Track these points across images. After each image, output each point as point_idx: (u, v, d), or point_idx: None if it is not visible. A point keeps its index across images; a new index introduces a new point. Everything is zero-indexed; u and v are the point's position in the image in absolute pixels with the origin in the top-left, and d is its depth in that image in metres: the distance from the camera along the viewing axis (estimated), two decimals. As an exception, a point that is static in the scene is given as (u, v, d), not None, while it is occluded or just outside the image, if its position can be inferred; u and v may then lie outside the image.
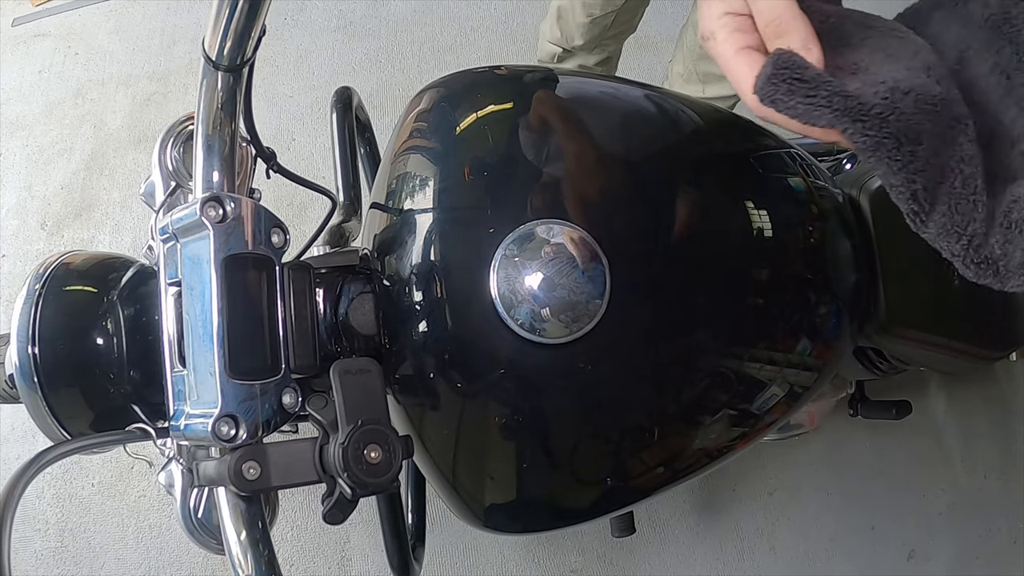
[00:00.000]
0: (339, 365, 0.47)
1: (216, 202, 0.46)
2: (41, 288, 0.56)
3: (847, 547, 1.32)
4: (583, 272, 0.49)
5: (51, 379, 0.54)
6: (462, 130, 0.56)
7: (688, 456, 0.58)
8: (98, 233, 1.55)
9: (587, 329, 0.49)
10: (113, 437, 0.55)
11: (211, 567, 1.29)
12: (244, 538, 0.45)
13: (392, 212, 0.57)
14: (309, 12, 1.69)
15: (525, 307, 0.49)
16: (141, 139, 1.60)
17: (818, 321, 0.59)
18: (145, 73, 1.67)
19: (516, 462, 0.55)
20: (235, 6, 0.45)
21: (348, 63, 1.64)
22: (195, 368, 0.47)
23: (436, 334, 0.52)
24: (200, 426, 0.45)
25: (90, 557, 1.33)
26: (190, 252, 0.48)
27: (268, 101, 1.58)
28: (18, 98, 1.68)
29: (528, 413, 0.53)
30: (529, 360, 0.51)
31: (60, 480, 1.36)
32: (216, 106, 0.49)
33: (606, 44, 1.22)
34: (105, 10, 1.75)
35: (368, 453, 0.44)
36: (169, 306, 0.49)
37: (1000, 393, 1.39)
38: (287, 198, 1.47)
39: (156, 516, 1.34)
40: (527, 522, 0.61)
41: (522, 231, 0.50)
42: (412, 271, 0.52)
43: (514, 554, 1.30)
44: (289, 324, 0.49)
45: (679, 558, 1.31)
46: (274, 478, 0.45)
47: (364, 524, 1.29)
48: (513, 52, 1.61)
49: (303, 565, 1.30)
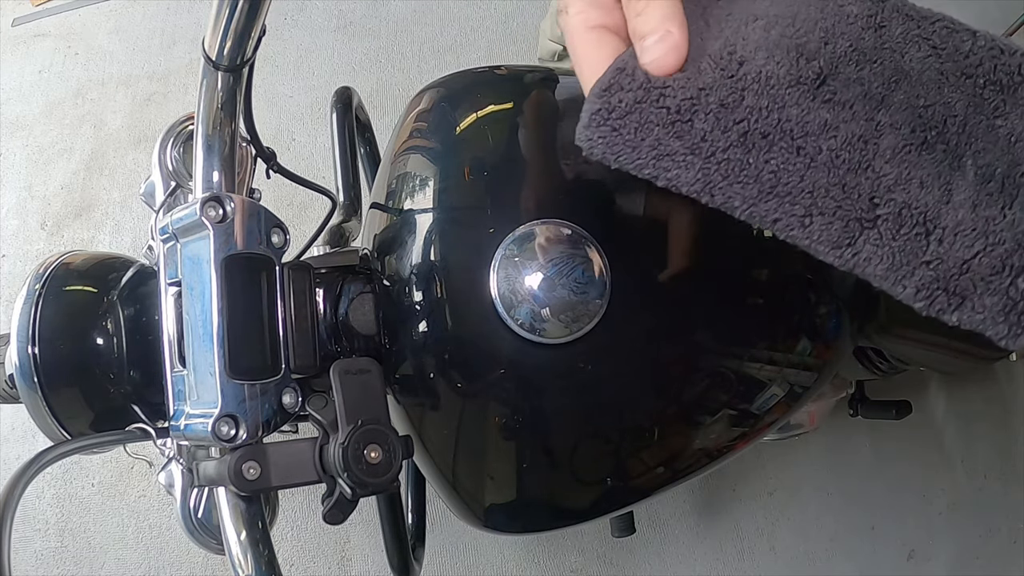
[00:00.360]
0: (339, 365, 0.47)
1: (216, 202, 0.46)
2: (41, 288, 0.56)
3: (847, 547, 1.32)
4: (583, 272, 0.49)
5: (51, 379, 0.54)
6: (462, 130, 0.56)
7: (688, 456, 0.58)
8: (98, 233, 1.55)
9: (587, 329, 0.49)
10: (113, 437, 0.56)
11: (211, 567, 1.29)
12: (244, 538, 0.45)
13: (392, 212, 0.57)
14: (309, 12, 1.69)
15: (525, 307, 0.49)
16: (141, 139, 1.60)
17: (818, 321, 0.59)
18: (145, 73, 1.67)
19: (516, 462, 0.55)
20: (235, 6, 0.45)
21: (348, 63, 1.64)
22: (195, 368, 0.47)
23: (436, 334, 0.52)
24: (200, 426, 0.45)
25: (90, 557, 1.33)
26: (190, 252, 0.48)
27: (268, 101, 1.58)
28: (18, 98, 1.68)
29: (528, 413, 0.53)
30: (529, 360, 0.51)
31: (60, 480, 1.36)
32: (216, 106, 0.49)
33: None
34: (105, 10, 1.75)
35: (368, 453, 0.44)
36: (169, 306, 0.49)
37: (1000, 393, 1.38)
38: (287, 198, 1.47)
39: (156, 516, 1.34)
40: (527, 522, 0.61)
41: (522, 231, 0.50)
42: (412, 271, 0.52)
43: (514, 554, 1.30)
44: (289, 324, 0.49)
45: (679, 558, 1.31)
46: (274, 478, 0.45)
47: (364, 524, 1.29)
48: (513, 52, 1.61)
49: (303, 565, 1.30)
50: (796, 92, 0.32)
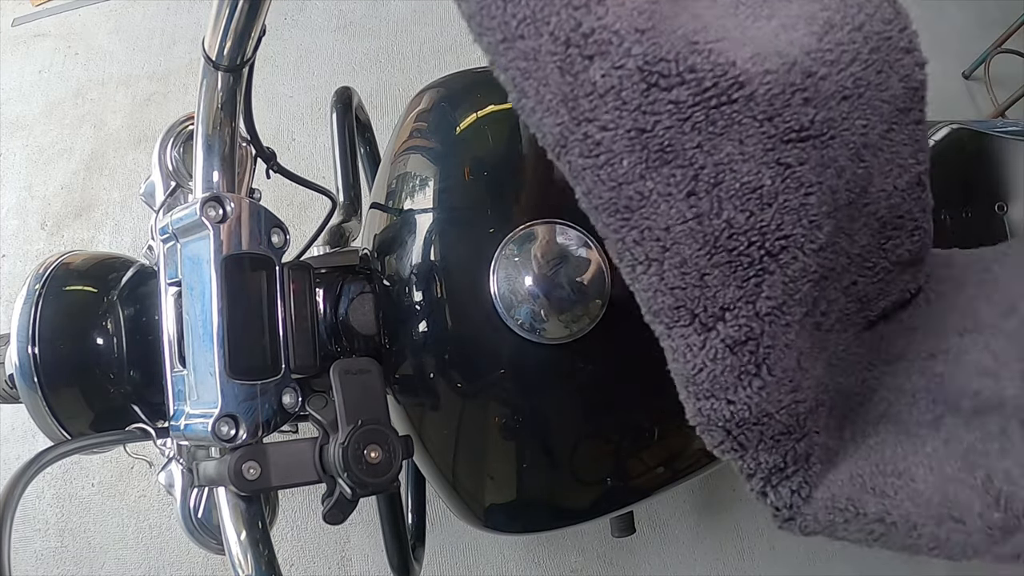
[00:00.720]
0: (339, 365, 0.47)
1: (216, 202, 0.46)
2: (41, 288, 0.56)
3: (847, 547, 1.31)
4: (583, 272, 0.49)
5: (51, 379, 0.54)
6: (462, 130, 0.56)
7: (688, 456, 0.58)
8: (98, 233, 1.55)
9: (587, 329, 0.49)
10: (113, 437, 0.55)
11: (211, 567, 1.29)
12: (244, 538, 0.45)
13: (392, 212, 0.57)
14: (309, 12, 1.69)
15: (525, 307, 0.49)
16: (141, 139, 1.60)
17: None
18: (145, 73, 1.67)
19: (516, 462, 0.55)
20: (235, 6, 0.45)
21: (348, 63, 1.64)
22: (195, 368, 0.47)
23: (436, 334, 0.52)
24: (200, 426, 0.45)
25: (90, 557, 1.33)
26: (190, 252, 0.48)
27: (268, 101, 1.58)
28: (18, 98, 1.68)
29: (528, 413, 0.53)
30: (529, 360, 0.51)
31: (60, 480, 1.36)
32: (216, 106, 0.49)
33: None
34: (105, 10, 1.75)
35: (368, 453, 0.44)
36: (169, 306, 0.49)
37: (1000, 393, 1.38)
38: (287, 198, 1.47)
39: (156, 516, 1.34)
40: (527, 522, 0.61)
41: (522, 231, 0.50)
42: (412, 271, 0.52)
43: (514, 554, 1.30)
44: (289, 324, 0.49)
45: (679, 558, 1.30)
46: (274, 478, 0.45)
47: (364, 524, 1.29)
48: (513, 52, 1.61)
49: (303, 565, 1.30)
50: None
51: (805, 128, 0.30)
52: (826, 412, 0.33)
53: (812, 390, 0.32)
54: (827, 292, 0.34)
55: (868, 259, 0.35)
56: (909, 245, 0.36)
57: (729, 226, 0.30)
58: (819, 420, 0.32)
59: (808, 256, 0.30)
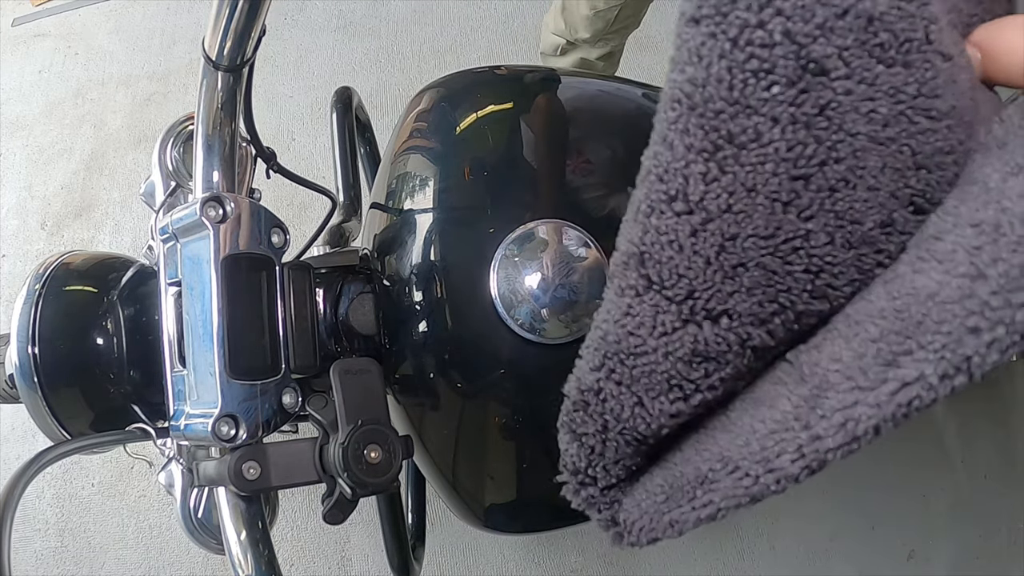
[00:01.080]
0: (339, 365, 0.47)
1: (216, 202, 0.46)
2: (41, 288, 0.56)
3: (847, 547, 1.32)
4: (583, 272, 0.49)
5: (51, 379, 0.54)
6: (462, 130, 0.56)
7: (688, 456, 0.58)
8: (98, 233, 1.55)
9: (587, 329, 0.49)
10: (113, 437, 0.55)
11: (211, 567, 1.29)
12: (244, 538, 0.45)
13: (392, 212, 0.57)
14: (309, 12, 1.69)
15: (525, 307, 0.49)
16: (141, 139, 1.60)
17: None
18: (145, 73, 1.67)
19: (516, 462, 0.55)
20: (235, 6, 0.45)
21: (348, 63, 1.64)
22: (195, 368, 0.47)
23: (436, 334, 0.52)
24: (200, 426, 0.45)
25: (90, 557, 1.33)
26: (190, 252, 0.48)
27: (268, 101, 1.58)
28: (18, 98, 1.69)
29: (528, 413, 0.53)
30: (529, 360, 0.51)
31: (60, 480, 1.36)
32: (216, 106, 0.49)
33: (609, 38, 1.22)
34: (105, 10, 1.75)
35: (368, 453, 0.44)
36: (169, 306, 0.49)
37: (1000, 393, 1.38)
38: (287, 198, 1.47)
39: (156, 516, 1.34)
40: (527, 522, 0.61)
41: (522, 231, 0.50)
42: (412, 271, 0.52)
43: (514, 554, 1.30)
44: (289, 324, 0.49)
45: (679, 558, 1.30)
46: (274, 478, 0.45)
47: (364, 524, 1.29)
48: (513, 52, 1.61)
49: (303, 565, 1.30)
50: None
51: None
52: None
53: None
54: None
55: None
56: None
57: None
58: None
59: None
